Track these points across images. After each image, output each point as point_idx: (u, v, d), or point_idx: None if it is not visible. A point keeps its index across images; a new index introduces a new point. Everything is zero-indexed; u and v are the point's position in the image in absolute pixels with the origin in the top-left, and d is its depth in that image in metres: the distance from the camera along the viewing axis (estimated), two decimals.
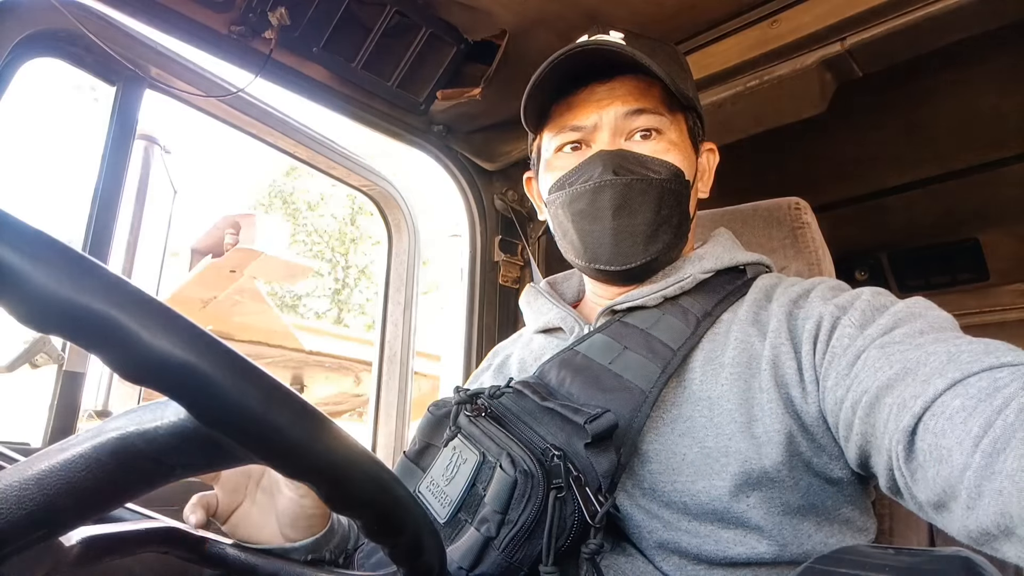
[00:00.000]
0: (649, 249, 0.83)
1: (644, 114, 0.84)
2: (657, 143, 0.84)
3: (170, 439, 0.37)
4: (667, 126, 0.85)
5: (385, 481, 0.39)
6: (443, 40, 1.35)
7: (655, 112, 0.84)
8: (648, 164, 0.83)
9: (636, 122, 0.84)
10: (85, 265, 0.30)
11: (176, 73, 1.25)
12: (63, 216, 1.74)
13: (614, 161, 0.82)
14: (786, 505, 0.69)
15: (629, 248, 0.83)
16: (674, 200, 0.84)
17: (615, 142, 0.84)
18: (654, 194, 0.82)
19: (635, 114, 0.83)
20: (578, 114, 0.85)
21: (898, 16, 1.08)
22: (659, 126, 0.84)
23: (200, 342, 0.31)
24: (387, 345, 1.74)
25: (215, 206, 17.50)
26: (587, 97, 0.85)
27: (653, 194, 0.82)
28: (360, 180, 1.69)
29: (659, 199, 0.82)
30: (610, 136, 0.84)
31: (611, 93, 0.84)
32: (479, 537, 0.63)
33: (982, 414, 0.49)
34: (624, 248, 0.83)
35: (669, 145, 0.84)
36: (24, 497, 0.36)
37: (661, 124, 0.84)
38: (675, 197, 0.84)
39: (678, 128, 0.86)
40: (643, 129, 0.84)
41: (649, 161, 0.83)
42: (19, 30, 1.05)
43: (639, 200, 0.82)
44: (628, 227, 0.82)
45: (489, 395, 0.77)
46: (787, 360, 0.72)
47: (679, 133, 0.86)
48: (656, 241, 0.83)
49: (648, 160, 0.83)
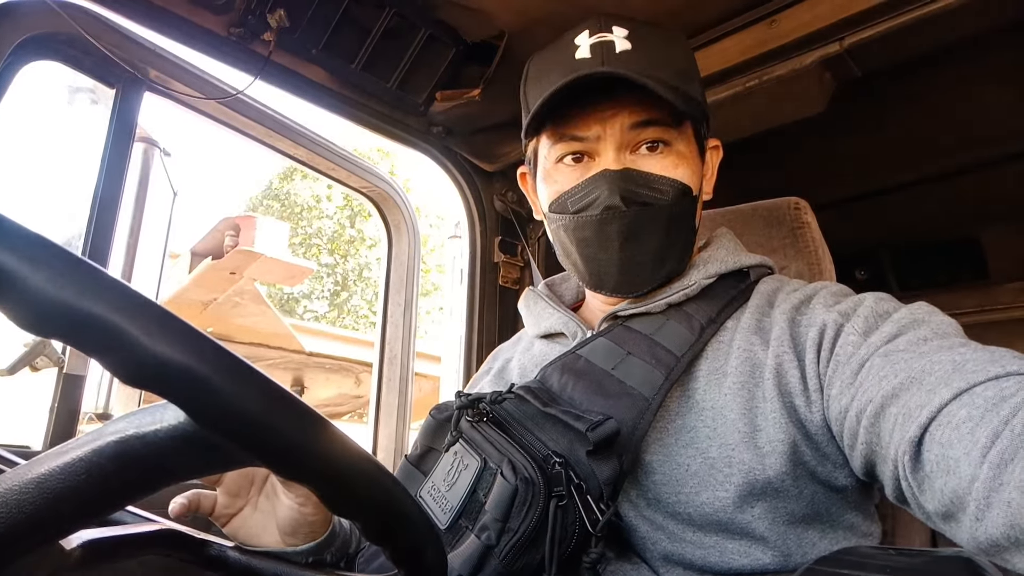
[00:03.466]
0: (657, 275, 0.82)
1: (652, 126, 0.78)
2: (665, 157, 0.79)
3: (170, 442, 0.37)
4: (675, 137, 0.80)
5: (384, 483, 0.39)
6: (442, 41, 1.35)
7: (663, 124, 0.79)
8: (656, 184, 0.78)
9: (643, 135, 0.79)
10: (84, 269, 0.30)
11: (175, 75, 1.25)
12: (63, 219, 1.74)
13: (621, 185, 0.77)
14: (791, 515, 0.69)
15: (637, 277, 0.82)
16: (682, 221, 0.82)
17: (620, 158, 0.78)
18: (663, 221, 0.79)
19: (642, 126, 0.78)
20: (580, 124, 0.79)
21: (897, 16, 1.08)
22: (667, 138, 0.79)
23: (199, 345, 0.31)
24: (387, 346, 1.74)
25: (215, 208, 17.51)
26: (591, 106, 0.79)
27: (662, 221, 0.79)
28: (359, 181, 1.69)
29: (668, 224, 0.80)
30: (615, 151, 0.78)
31: (617, 103, 0.78)
32: (479, 545, 0.63)
33: (989, 424, 0.49)
34: (632, 277, 0.82)
35: (678, 159, 0.79)
36: (25, 501, 0.35)
37: (669, 136, 0.79)
38: (683, 217, 0.81)
39: (686, 138, 0.81)
40: (650, 142, 0.79)
41: (657, 180, 0.78)
42: (18, 33, 1.04)
43: (649, 228, 0.79)
44: (637, 257, 0.80)
45: (491, 400, 0.76)
46: (790, 369, 0.71)
47: (687, 143, 0.81)
48: (664, 265, 0.82)
49: (656, 179, 0.78)
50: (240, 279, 4.91)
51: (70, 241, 1.19)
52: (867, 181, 1.84)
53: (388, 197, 1.75)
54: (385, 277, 1.79)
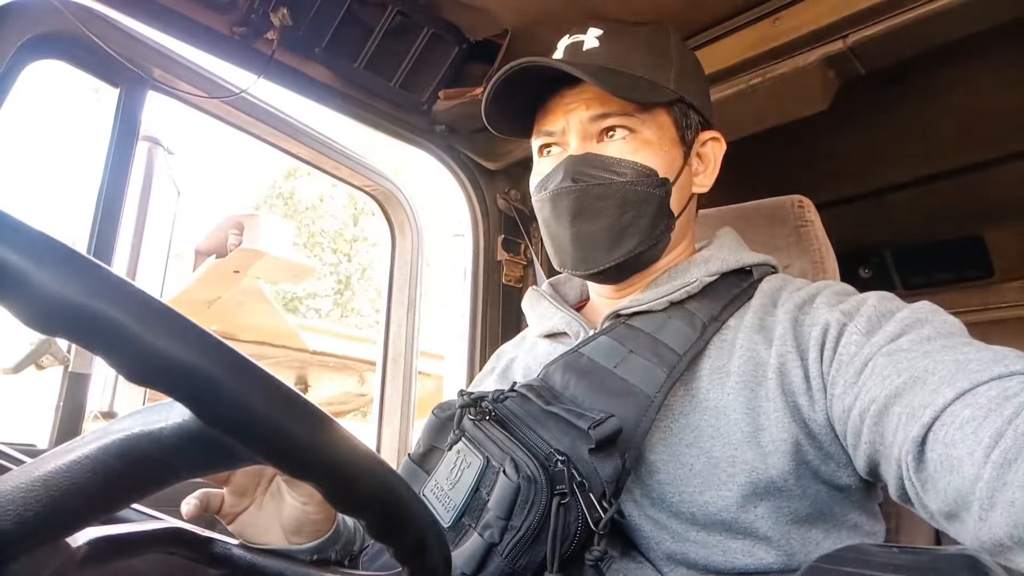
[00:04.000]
0: (614, 252, 0.83)
1: (610, 116, 0.83)
2: (626, 143, 0.82)
3: (175, 440, 0.37)
4: (639, 125, 0.83)
5: (388, 481, 0.39)
6: (445, 40, 1.35)
7: (622, 113, 0.82)
8: (612, 167, 0.81)
9: (603, 124, 0.83)
10: (89, 267, 0.30)
11: (179, 74, 1.26)
12: (68, 218, 1.75)
13: (575, 167, 0.82)
14: (795, 514, 0.69)
15: (590, 253, 0.83)
16: (643, 200, 0.82)
17: (584, 146, 0.84)
18: (615, 198, 0.81)
19: (601, 117, 0.83)
20: (549, 119, 0.87)
21: (900, 13, 1.07)
22: (629, 125, 0.83)
23: (203, 344, 0.31)
24: (391, 345, 1.75)
25: (219, 207, 17.56)
26: (557, 102, 0.86)
27: (615, 198, 0.81)
28: (363, 180, 1.69)
29: (622, 202, 0.81)
30: (578, 140, 0.84)
31: (578, 97, 0.84)
32: (482, 543, 0.63)
33: (992, 424, 0.49)
34: (584, 253, 0.83)
35: (640, 144, 0.83)
36: (31, 498, 0.36)
37: (632, 123, 0.83)
38: (644, 197, 0.82)
39: (655, 125, 0.84)
40: (610, 129, 0.83)
41: (614, 163, 0.82)
42: (22, 33, 1.05)
43: (598, 205, 0.81)
44: (587, 233, 0.82)
45: (493, 399, 0.76)
46: (793, 368, 0.71)
47: (656, 130, 0.84)
48: (621, 245, 0.83)
49: (613, 162, 0.82)
50: (244, 277, 4.92)
51: (74, 241, 1.19)
52: (871, 179, 1.84)
53: (391, 196, 1.75)
54: (389, 276, 1.79)
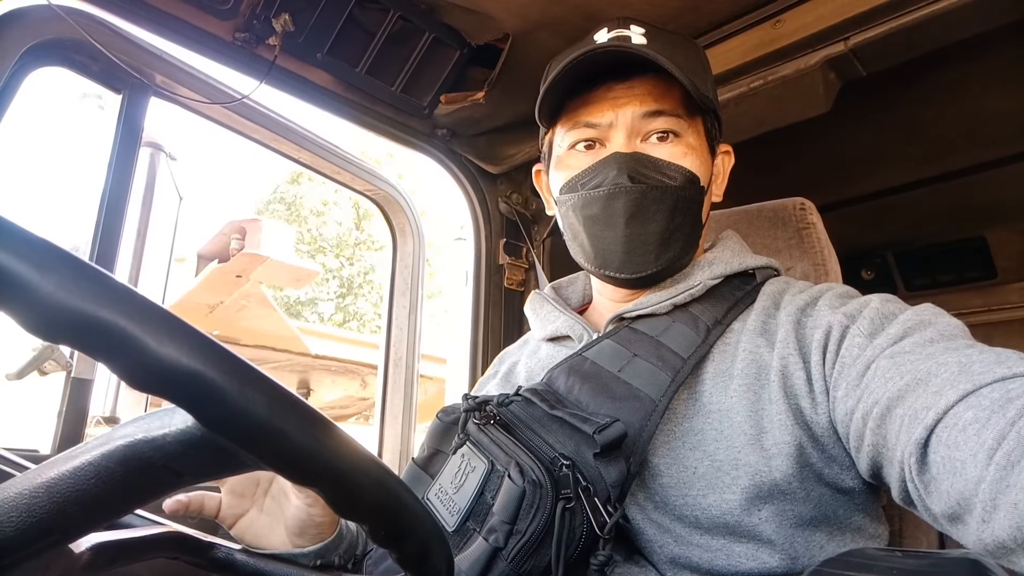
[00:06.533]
0: (661, 258, 0.81)
1: (662, 116, 0.81)
2: (675, 147, 0.81)
3: (178, 446, 0.37)
4: (685, 129, 0.82)
5: (391, 486, 0.39)
6: (446, 44, 1.35)
7: (674, 114, 0.81)
8: (664, 169, 0.80)
9: (653, 124, 0.81)
10: (91, 274, 0.30)
11: (181, 80, 1.26)
12: (71, 223, 1.75)
13: (630, 165, 0.79)
14: (798, 517, 0.69)
15: (640, 257, 0.81)
16: (688, 207, 0.82)
17: (631, 144, 0.81)
18: (669, 202, 0.80)
19: (653, 116, 0.81)
20: (593, 111, 0.82)
21: (901, 15, 1.07)
22: (677, 129, 0.81)
23: (206, 349, 0.31)
24: (392, 349, 1.75)
25: (221, 212, 17.59)
26: (604, 94, 0.82)
27: (668, 202, 0.80)
28: (364, 184, 1.70)
29: (673, 207, 0.80)
30: (626, 137, 0.81)
31: (629, 92, 0.81)
32: (487, 547, 0.63)
33: (995, 426, 0.49)
34: (635, 257, 0.81)
35: (687, 149, 0.81)
36: (34, 505, 0.36)
37: (679, 127, 0.81)
38: (689, 204, 0.82)
39: (696, 131, 0.83)
40: (660, 131, 0.81)
41: (665, 166, 0.80)
42: (25, 40, 1.05)
43: (654, 208, 0.79)
44: (641, 235, 0.80)
45: (498, 403, 0.76)
46: (796, 370, 0.71)
47: (697, 136, 0.83)
48: (668, 250, 0.82)
49: (664, 165, 0.80)
50: (246, 282, 4.93)
51: (77, 246, 1.19)
52: (873, 181, 1.84)
53: (393, 200, 1.75)
54: (390, 280, 1.79)
